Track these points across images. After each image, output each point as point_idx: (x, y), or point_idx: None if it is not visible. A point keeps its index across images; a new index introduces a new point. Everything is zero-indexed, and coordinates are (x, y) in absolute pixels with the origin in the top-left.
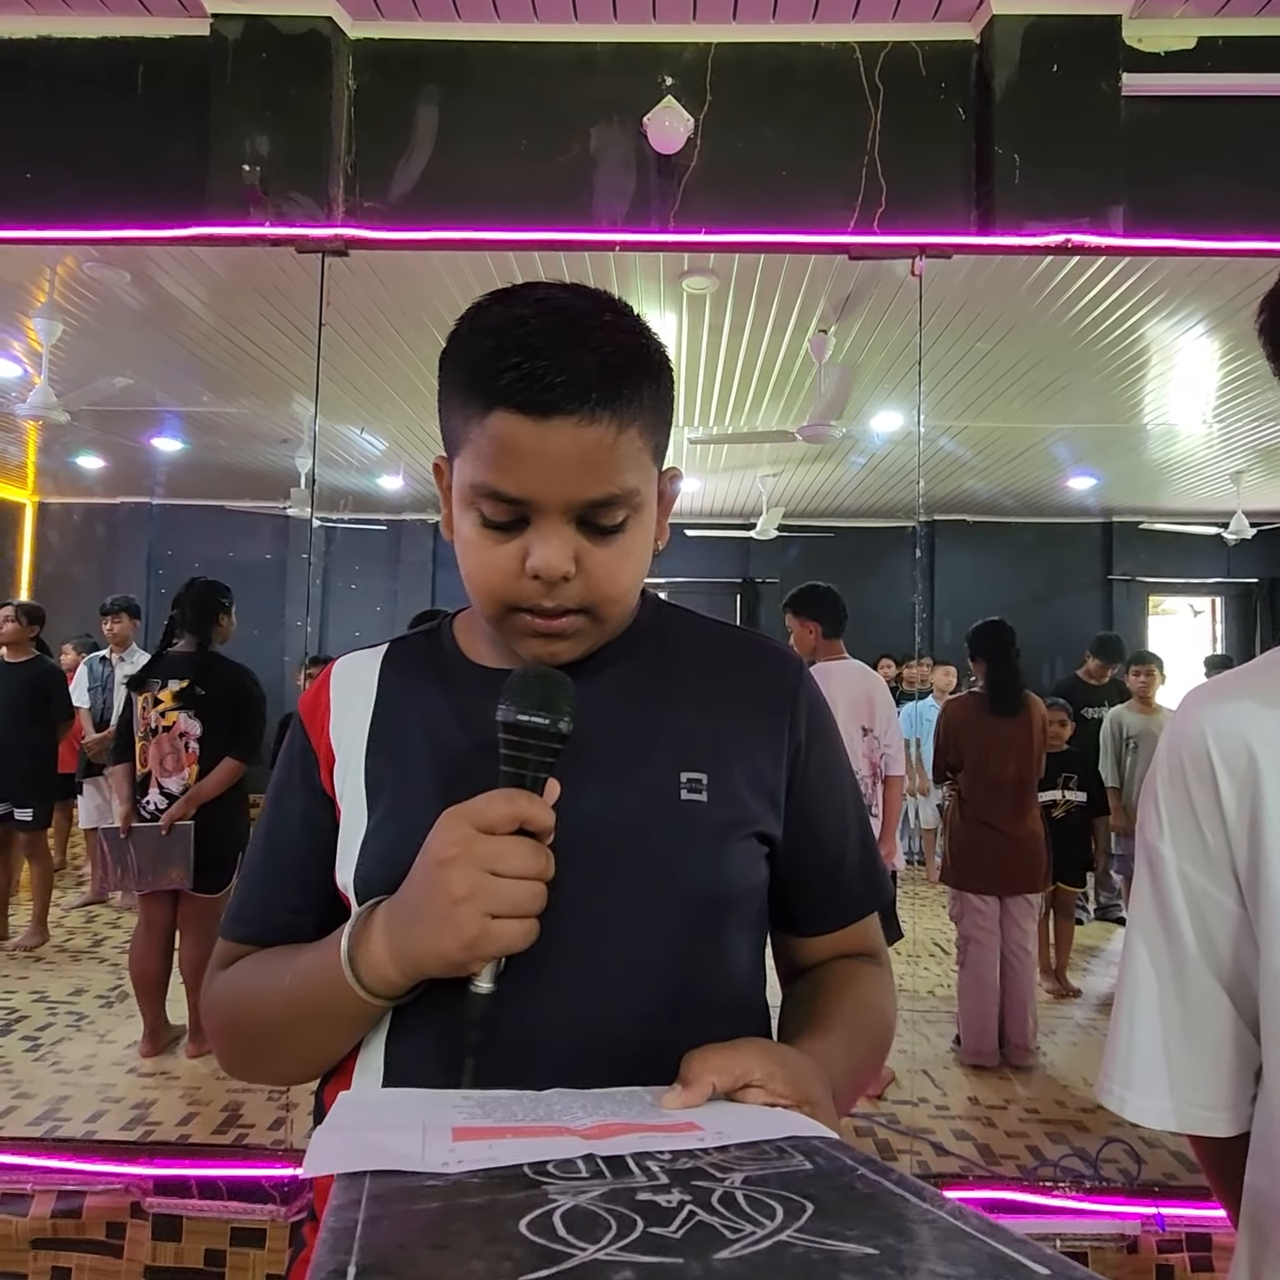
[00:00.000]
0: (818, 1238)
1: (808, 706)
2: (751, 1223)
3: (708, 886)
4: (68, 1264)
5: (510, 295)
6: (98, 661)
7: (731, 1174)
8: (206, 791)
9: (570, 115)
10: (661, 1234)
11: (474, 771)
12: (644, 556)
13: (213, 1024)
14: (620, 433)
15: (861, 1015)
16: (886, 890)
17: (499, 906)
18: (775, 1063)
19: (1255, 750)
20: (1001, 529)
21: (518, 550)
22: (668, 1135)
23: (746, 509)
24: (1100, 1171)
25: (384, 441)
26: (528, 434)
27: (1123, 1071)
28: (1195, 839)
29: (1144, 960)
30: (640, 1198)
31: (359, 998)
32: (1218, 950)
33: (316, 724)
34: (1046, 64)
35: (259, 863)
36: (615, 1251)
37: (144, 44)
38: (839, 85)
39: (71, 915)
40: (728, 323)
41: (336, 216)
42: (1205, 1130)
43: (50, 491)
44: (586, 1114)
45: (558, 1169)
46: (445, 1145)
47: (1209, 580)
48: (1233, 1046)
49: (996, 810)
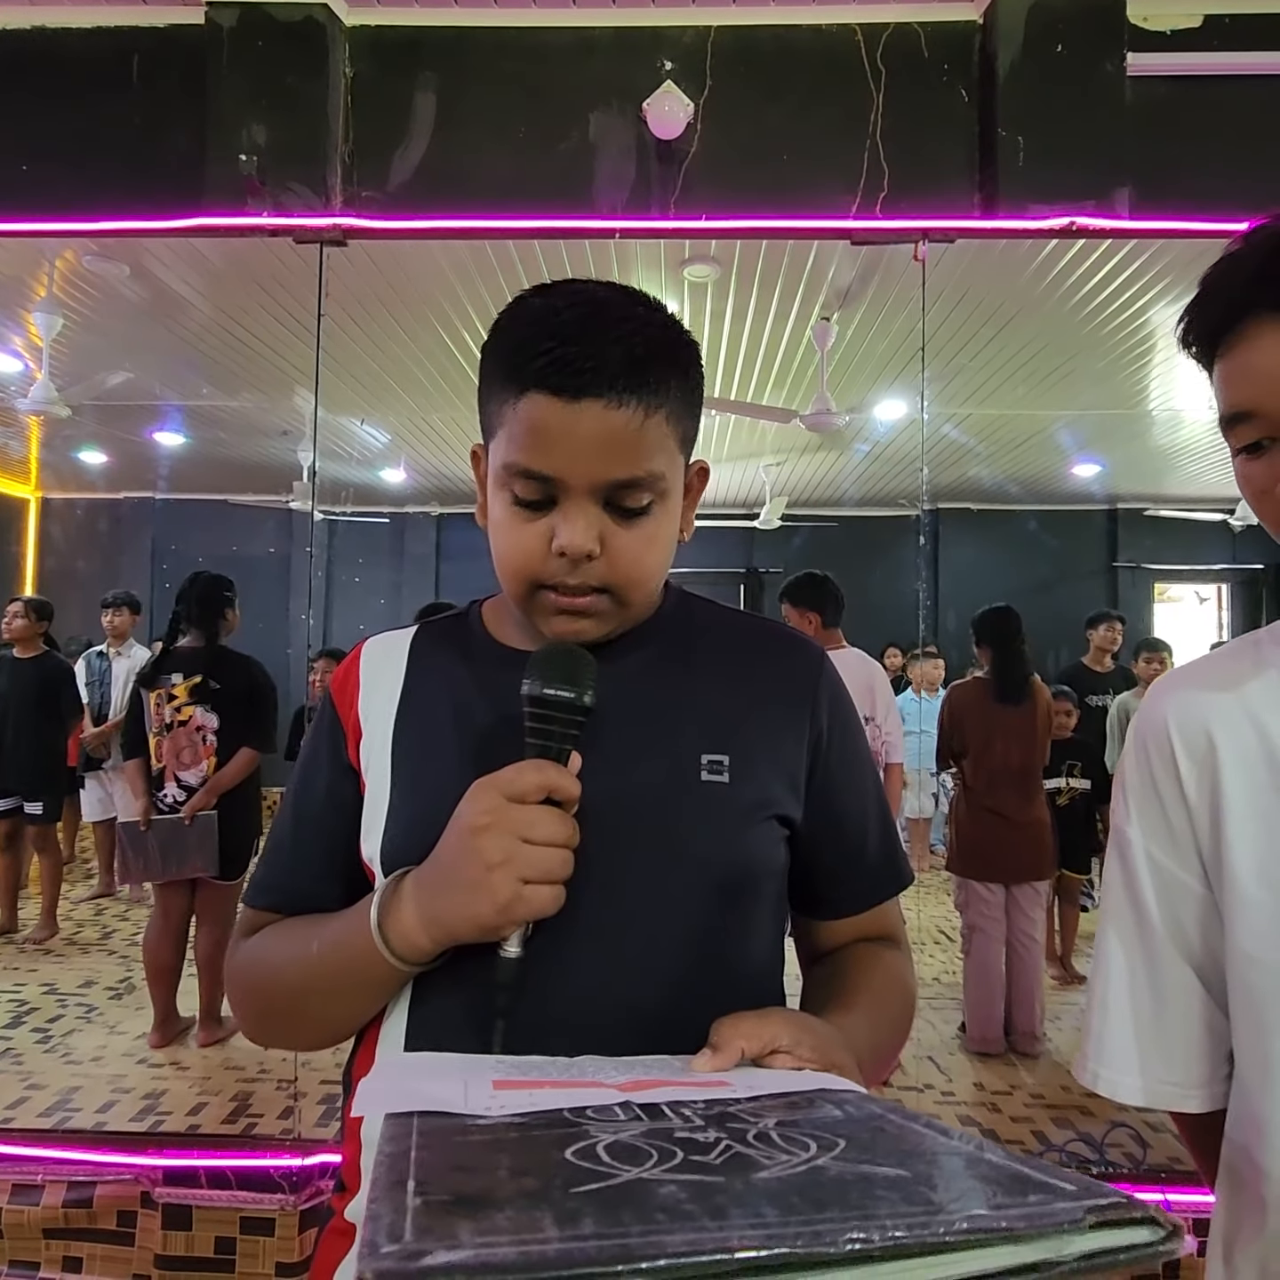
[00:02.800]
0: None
1: (829, 695)
2: (786, 1153)
3: (727, 864)
4: (79, 1253)
5: (548, 289)
6: (95, 656)
7: (764, 1118)
8: (226, 781)
9: (569, 101)
10: (702, 1160)
11: (499, 745)
12: (668, 543)
13: (238, 990)
14: (647, 417)
15: (883, 995)
16: (907, 874)
17: (531, 872)
18: (802, 1029)
19: (1215, 736)
20: (1006, 516)
21: (545, 529)
22: (700, 1089)
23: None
24: (1106, 1156)
25: (386, 434)
26: (558, 415)
27: (1096, 1049)
28: (1160, 823)
29: (1115, 941)
30: (679, 1135)
31: (387, 964)
32: (1185, 931)
33: (346, 699)
34: (1050, 44)
35: (286, 833)
36: (659, 1173)
37: (139, 33)
38: (840, 68)
39: (80, 908)
40: (729, 310)
41: (334, 206)
42: (1175, 1106)
43: (53, 487)
44: (620, 1073)
45: (597, 1114)
46: (487, 1093)
47: (1215, 567)
48: (1203, 1025)
49: (1001, 797)
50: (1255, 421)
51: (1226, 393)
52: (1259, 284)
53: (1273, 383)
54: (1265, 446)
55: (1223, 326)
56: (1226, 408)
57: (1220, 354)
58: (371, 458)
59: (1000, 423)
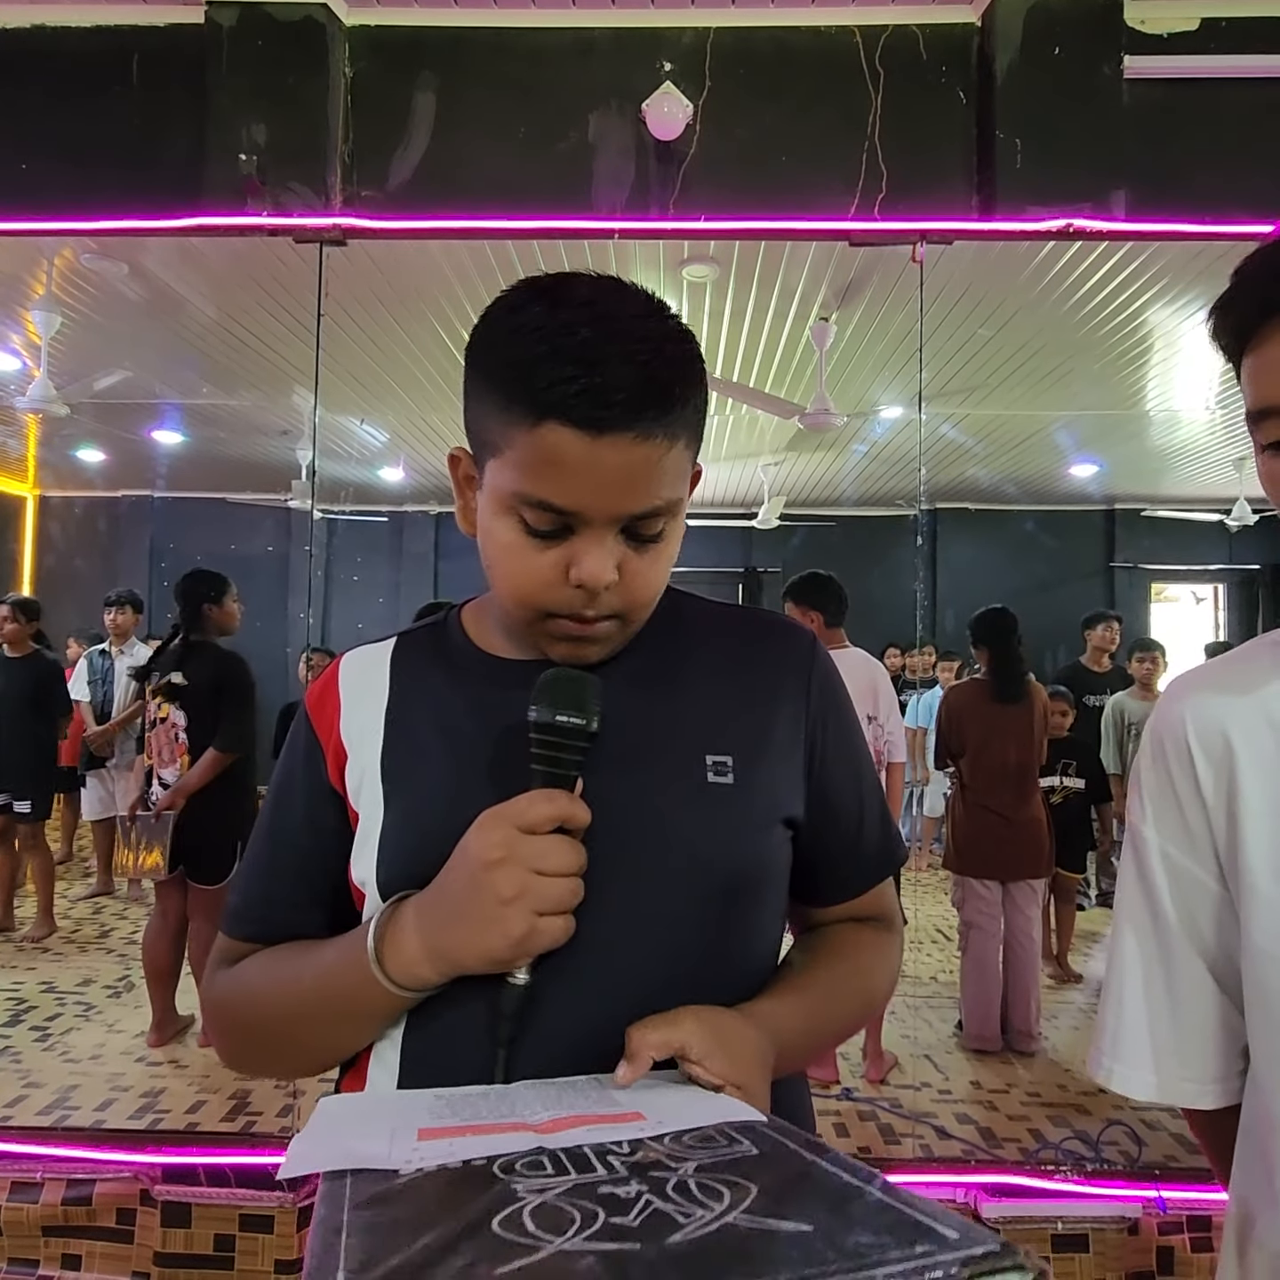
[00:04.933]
0: (760, 1217)
1: (821, 679)
2: (701, 1207)
3: (736, 869)
4: (78, 1251)
5: (550, 295)
6: (97, 655)
7: (685, 1163)
8: (191, 783)
9: (569, 102)
10: (621, 1223)
11: (493, 763)
12: (674, 559)
13: (220, 1021)
14: (670, 447)
15: (841, 978)
16: (900, 854)
17: (545, 905)
18: (713, 1039)
19: (1231, 737)
20: (1003, 516)
21: (560, 559)
22: (614, 1125)
23: (748, 498)
24: (1101, 1154)
25: (384, 433)
26: (580, 449)
27: (1111, 1045)
28: (1177, 821)
29: (1130, 939)
30: (602, 1191)
31: (387, 993)
32: (1200, 928)
33: (325, 721)
34: (1048, 46)
35: (262, 860)
36: (580, 1242)
37: (139, 32)
38: (839, 69)
39: (79, 907)
40: (728, 310)
41: (334, 206)
42: (1189, 1102)
43: (51, 485)
44: (544, 1108)
45: (525, 1168)
46: (410, 1144)
47: (1211, 567)
48: (1218, 1022)
49: (998, 796)
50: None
51: (1255, 388)
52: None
53: None
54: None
55: (1254, 321)
56: (1254, 403)
57: (1250, 348)
58: (370, 457)
59: (998, 423)
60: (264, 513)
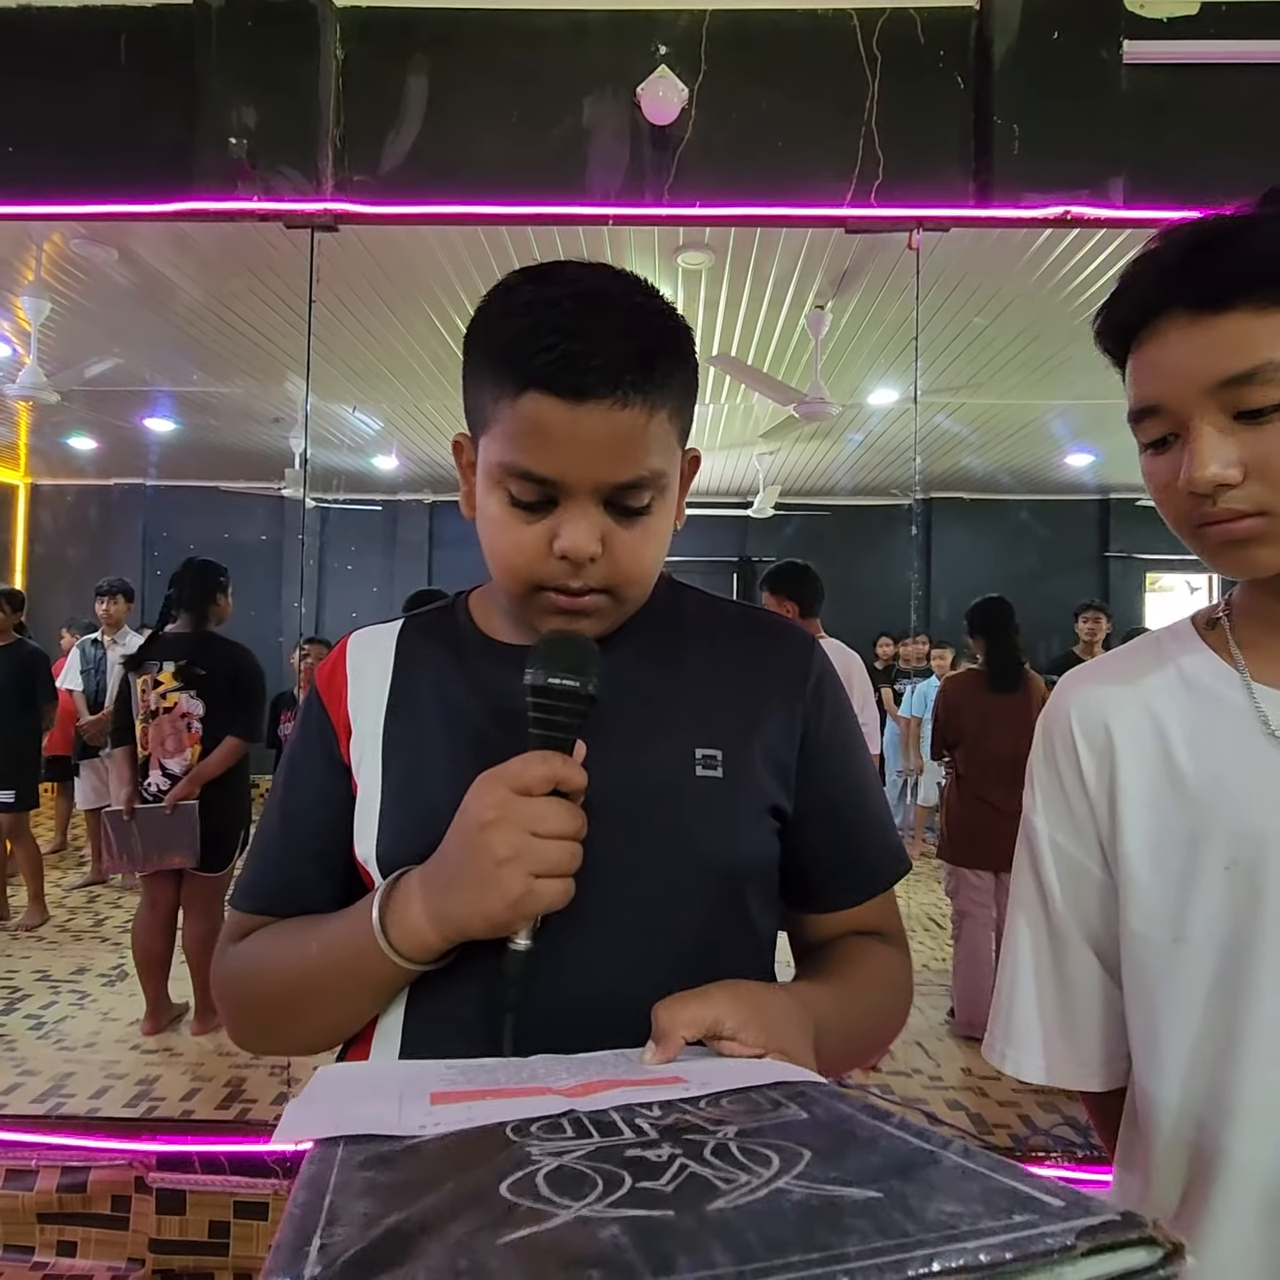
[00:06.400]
0: (818, 1184)
1: (821, 684)
2: (746, 1172)
3: (723, 859)
4: (73, 1237)
5: (541, 275)
6: (90, 644)
7: (725, 1126)
8: (209, 771)
9: (563, 86)
10: (651, 1188)
11: (492, 743)
12: (666, 537)
13: (228, 996)
14: (651, 416)
15: (864, 982)
16: (903, 864)
17: (541, 866)
18: (748, 1009)
19: (1113, 729)
20: (998, 506)
21: (545, 530)
22: (652, 1088)
23: (743, 487)
24: (1091, 1140)
25: (378, 421)
26: (560, 416)
27: (1004, 1030)
28: (1064, 810)
29: (1023, 926)
30: (629, 1154)
31: (392, 963)
32: (1088, 915)
33: (334, 696)
34: (1047, 31)
35: (274, 834)
36: (602, 1209)
37: (127, 13)
38: (836, 53)
39: (73, 895)
40: (723, 298)
41: (325, 190)
42: (1076, 1086)
43: (43, 473)
44: (571, 1075)
45: (542, 1131)
46: (422, 1109)
47: None
48: (1105, 1007)
49: (993, 786)
50: (1161, 417)
51: (1135, 388)
52: (1172, 281)
53: (1179, 379)
54: (1170, 442)
55: (1136, 323)
56: (1134, 402)
57: (1132, 350)
58: (364, 445)
59: (993, 412)
60: (257, 501)
